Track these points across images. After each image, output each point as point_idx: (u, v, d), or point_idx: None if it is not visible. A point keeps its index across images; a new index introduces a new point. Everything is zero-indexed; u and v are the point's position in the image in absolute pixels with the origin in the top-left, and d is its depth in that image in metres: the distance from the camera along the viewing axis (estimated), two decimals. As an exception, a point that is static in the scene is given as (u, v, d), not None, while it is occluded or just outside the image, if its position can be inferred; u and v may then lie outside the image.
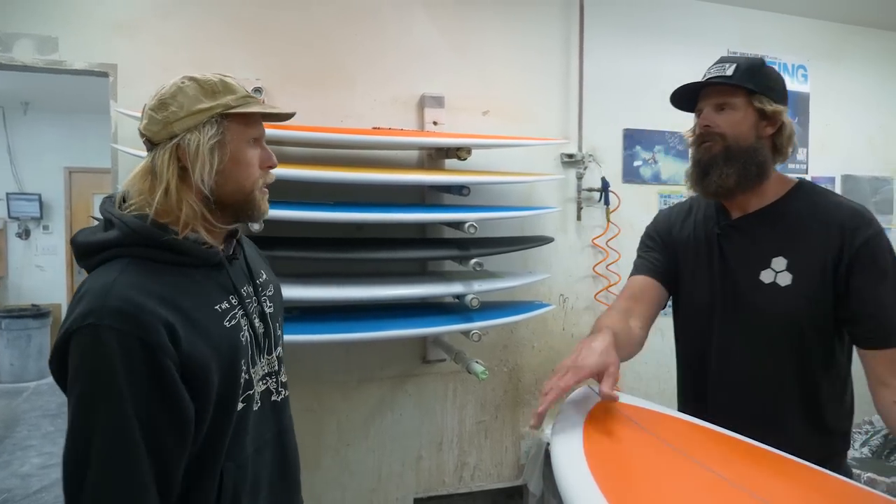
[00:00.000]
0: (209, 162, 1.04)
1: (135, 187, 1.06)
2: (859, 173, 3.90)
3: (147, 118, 1.07)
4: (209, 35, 2.62)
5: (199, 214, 1.06)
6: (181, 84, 1.07)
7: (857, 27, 3.82)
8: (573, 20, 3.15)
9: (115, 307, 0.94)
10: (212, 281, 1.10)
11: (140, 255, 1.02)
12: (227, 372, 1.06)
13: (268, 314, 1.22)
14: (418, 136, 2.70)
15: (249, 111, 1.08)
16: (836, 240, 1.27)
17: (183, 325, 0.99)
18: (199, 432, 1.03)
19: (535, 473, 3.02)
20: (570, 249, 3.18)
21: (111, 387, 0.92)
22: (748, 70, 1.35)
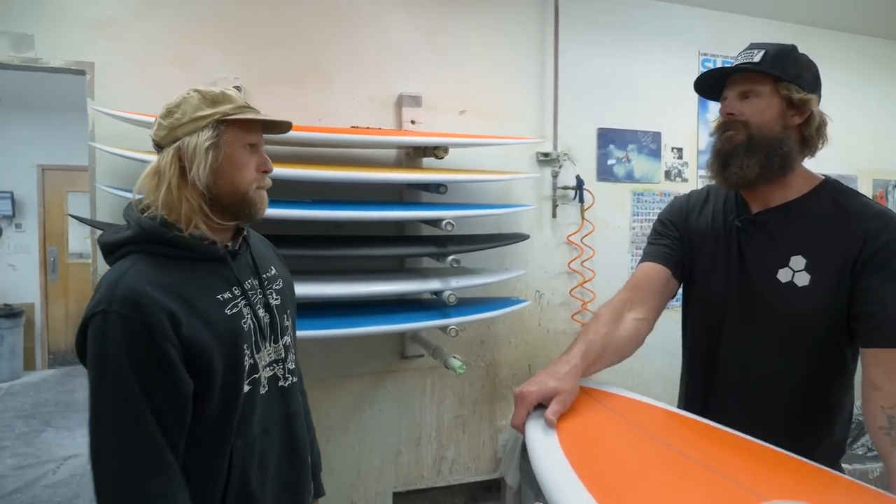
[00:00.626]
0: (204, 160, 1.16)
1: (144, 186, 1.20)
2: (825, 171, 4.00)
3: (156, 125, 1.22)
4: (187, 34, 2.63)
5: (197, 209, 1.19)
6: (186, 95, 1.21)
7: (819, 29, 3.94)
8: (548, 21, 3.21)
9: (122, 296, 1.08)
10: (215, 274, 1.23)
11: (150, 251, 1.16)
12: (230, 354, 1.18)
13: (273, 306, 1.32)
14: (396, 135, 2.74)
15: (243, 118, 1.20)
16: (859, 241, 1.22)
17: (185, 312, 1.12)
18: (207, 408, 1.16)
19: (511, 466, 3.07)
20: (546, 246, 3.24)
21: (119, 365, 1.06)
22: (777, 56, 1.29)
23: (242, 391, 1.21)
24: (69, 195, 6.72)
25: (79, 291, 6.78)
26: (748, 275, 1.33)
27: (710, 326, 1.41)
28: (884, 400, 1.14)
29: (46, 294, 6.68)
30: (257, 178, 1.26)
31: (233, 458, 1.19)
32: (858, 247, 1.22)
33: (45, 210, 6.64)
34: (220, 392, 1.17)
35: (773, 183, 1.31)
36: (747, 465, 0.99)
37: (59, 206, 6.70)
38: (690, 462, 0.98)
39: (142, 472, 1.07)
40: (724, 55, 3.65)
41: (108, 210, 2.52)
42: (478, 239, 2.79)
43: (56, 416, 5.15)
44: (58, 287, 6.74)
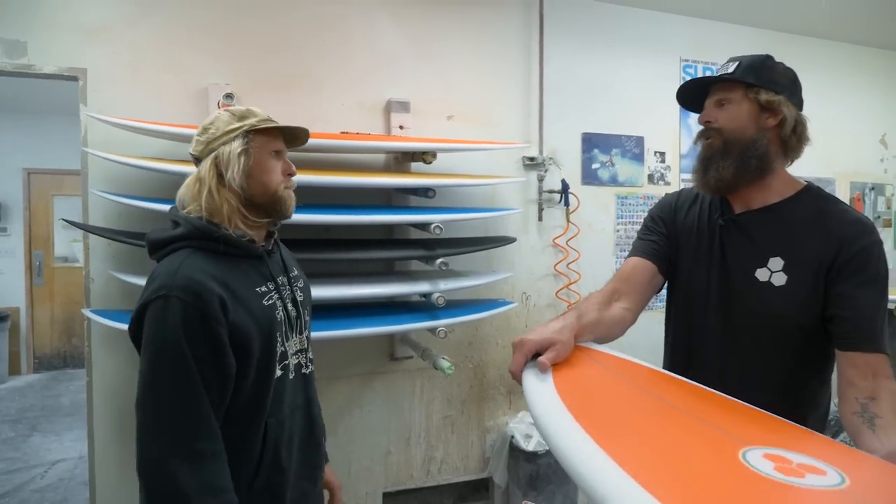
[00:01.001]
0: (237, 164, 1.34)
1: (187, 193, 1.38)
2: (805, 174, 4.09)
3: (194, 142, 1.41)
4: (179, 40, 2.66)
5: (236, 209, 1.36)
6: (219, 114, 1.41)
7: (798, 36, 4.03)
8: (533, 28, 3.28)
9: (181, 284, 1.24)
10: (254, 269, 1.41)
11: (199, 246, 1.33)
12: (266, 339, 1.35)
13: (299, 301, 1.52)
14: (386, 140, 2.79)
15: (267, 126, 1.39)
16: (835, 247, 1.26)
17: (231, 301, 1.29)
18: (245, 387, 1.32)
19: (500, 465, 3.13)
20: (532, 249, 3.30)
21: (178, 341, 1.21)
22: (749, 65, 1.36)
23: (275, 374, 1.38)
24: (55, 199, 6.69)
25: (64, 295, 6.75)
26: (728, 273, 1.38)
27: (690, 322, 1.46)
28: (858, 393, 1.19)
29: (32, 298, 6.65)
30: (284, 180, 1.43)
31: (267, 434, 1.35)
32: (834, 252, 1.26)
33: (31, 214, 6.61)
34: (255, 373, 1.33)
35: (754, 185, 1.36)
36: (731, 417, 1.04)
37: (45, 210, 6.67)
38: (677, 411, 1.03)
39: (194, 434, 1.21)
40: (704, 61, 3.74)
41: (100, 214, 2.54)
42: (465, 242, 2.85)
43: (43, 421, 5.13)
44: (43, 291, 6.71)
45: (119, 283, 2.53)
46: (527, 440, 2.97)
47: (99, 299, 2.56)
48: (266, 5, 2.79)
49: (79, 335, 6.78)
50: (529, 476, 2.93)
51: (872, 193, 4.38)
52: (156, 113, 2.58)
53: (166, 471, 1.17)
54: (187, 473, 1.17)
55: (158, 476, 1.18)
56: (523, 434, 3.01)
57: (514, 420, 3.18)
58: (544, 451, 2.92)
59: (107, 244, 2.57)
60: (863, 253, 1.25)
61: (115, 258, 2.57)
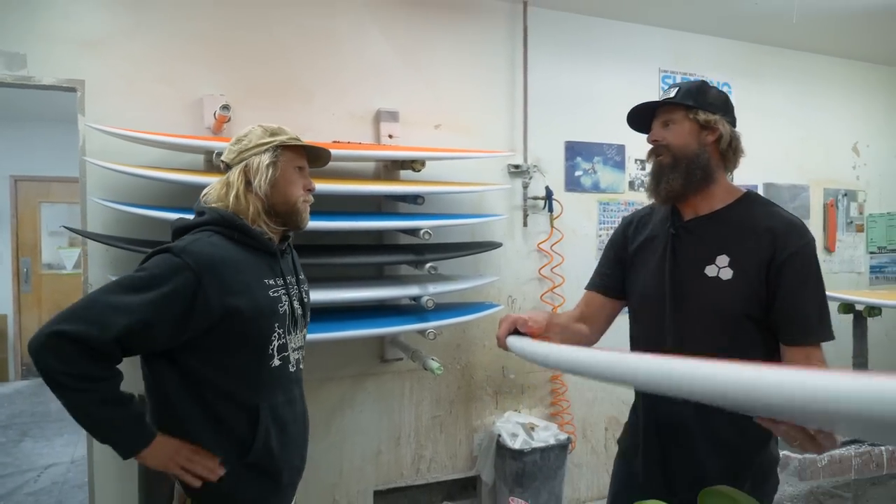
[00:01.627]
0: (265, 175, 1.49)
1: (214, 194, 1.52)
2: (779, 181, 4.26)
3: (227, 150, 1.55)
4: (175, 52, 2.74)
5: (260, 215, 1.51)
6: (252, 128, 1.55)
7: (775, 48, 4.19)
8: (518, 40, 3.39)
9: (193, 251, 1.37)
10: (265, 263, 1.52)
11: (221, 232, 1.46)
12: (264, 325, 1.47)
13: (305, 302, 1.66)
14: (377, 149, 2.88)
15: (296, 143, 1.55)
16: (770, 245, 1.40)
17: (238, 284, 1.41)
18: (232, 365, 1.43)
19: (487, 463, 3.22)
20: (518, 254, 3.41)
21: (162, 286, 1.32)
22: (688, 90, 1.52)
23: (272, 360, 1.48)
24: (42, 206, 6.72)
25: (52, 302, 6.76)
26: (681, 272, 1.52)
27: (650, 321, 1.59)
28: None
29: (19, 305, 6.66)
30: (303, 194, 1.57)
31: (261, 417, 1.44)
32: (770, 252, 1.41)
33: (18, 221, 6.63)
34: (250, 353, 1.45)
35: (699, 193, 1.51)
36: None
37: (33, 217, 6.69)
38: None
39: (111, 322, 1.29)
40: (682, 72, 3.87)
41: (99, 221, 2.61)
42: (453, 247, 2.95)
43: (33, 427, 5.16)
44: (31, 298, 6.72)
45: (116, 289, 2.59)
46: (513, 439, 3.07)
47: (97, 304, 2.62)
48: (258, 18, 2.88)
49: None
50: (516, 473, 3.03)
51: (845, 199, 4.54)
52: (152, 123, 2.66)
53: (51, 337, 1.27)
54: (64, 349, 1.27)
55: (41, 340, 1.28)
56: (510, 433, 3.11)
57: (500, 419, 3.28)
58: (530, 449, 3.02)
59: (105, 250, 2.64)
60: (797, 255, 1.40)
61: (112, 264, 2.64)
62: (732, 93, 4.03)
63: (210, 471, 1.41)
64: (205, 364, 1.41)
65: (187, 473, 1.40)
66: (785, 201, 4.27)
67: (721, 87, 3.99)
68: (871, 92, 4.62)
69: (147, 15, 2.70)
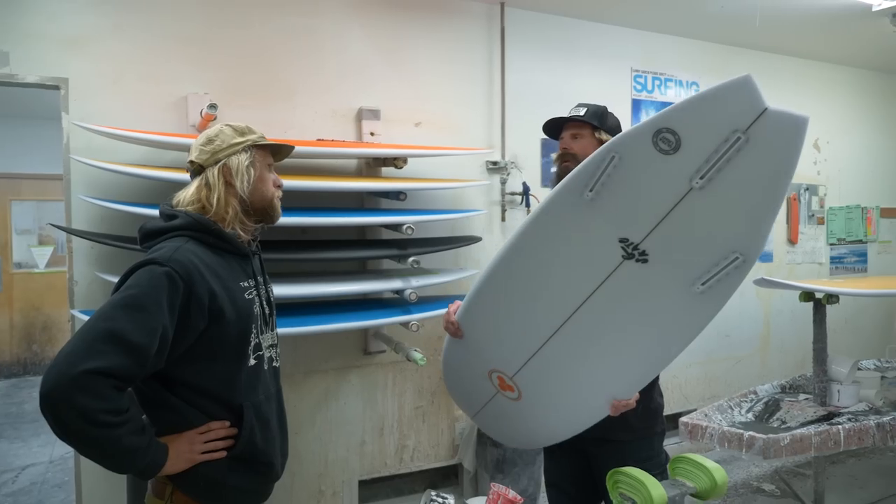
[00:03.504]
0: (247, 175, 1.51)
1: (191, 197, 1.50)
2: (745, 176, 4.41)
3: (197, 151, 1.53)
4: (159, 51, 2.77)
5: (238, 216, 1.52)
6: (221, 128, 1.55)
7: (740, 48, 4.35)
8: (496, 39, 3.48)
9: (180, 261, 1.36)
10: (239, 266, 1.55)
11: (195, 237, 1.45)
12: (243, 327, 1.49)
13: (272, 301, 1.67)
14: (359, 146, 2.95)
15: (267, 143, 1.57)
16: None
17: (220, 290, 1.43)
18: (216, 369, 1.45)
19: (468, 452, 3.32)
20: (496, 247, 3.45)
21: (155, 301, 1.31)
22: (595, 113, 1.89)
23: (249, 361, 1.51)
24: (13, 203, 6.62)
25: (24, 301, 6.68)
26: None
27: None
28: None
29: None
30: (276, 191, 1.61)
31: (245, 415, 1.48)
32: None
33: (-13, 219, 6.53)
34: (231, 356, 1.47)
35: None
36: None
37: (3, 216, 6.59)
38: None
39: (116, 353, 1.25)
40: (653, 71, 4.01)
41: (83, 217, 2.64)
42: (434, 241, 3.03)
43: (7, 428, 5.11)
44: (1, 297, 6.62)
45: (101, 285, 2.62)
46: (494, 427, 3.17)
47: (83, 301, 2.65)
48: (242, 17, 2.92)
49: (39, 342, 6.73)
50: (496, 460, 3.13)
51: (807, 194, 4.73)
52: (136, 121, 2.68)
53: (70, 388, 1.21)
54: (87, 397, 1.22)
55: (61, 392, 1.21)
56: (490, 421, 3.21)
57: (481, 409, 3.37)
58: (510, 436, 3.12)
59: (89, 247, 2.66)
60: None
61: (98, 261, 2.67)
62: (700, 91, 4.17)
63: (227, 432, 1.45)
64: (189, 369, 1.42)
65: (212, 452, 1.43)
66: (750, 196, 4.44)
67: (689, 86, 4.15)
68: (830, 90, 4.82)
69: (131, 14, 2.72)
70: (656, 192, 1.40)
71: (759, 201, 1.30)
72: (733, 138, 1.25)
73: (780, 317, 4.58)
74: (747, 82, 1.22)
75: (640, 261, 1.48)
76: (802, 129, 1.21)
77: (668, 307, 1.52)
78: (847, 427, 2.75)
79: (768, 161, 1.25)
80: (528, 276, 1.69)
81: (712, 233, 1.39)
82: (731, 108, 1.23)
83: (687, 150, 1.32)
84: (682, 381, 4.19)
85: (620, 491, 1.39)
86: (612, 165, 1.43)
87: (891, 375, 3.69)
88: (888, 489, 3.55)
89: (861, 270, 5.05)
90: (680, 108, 1.31)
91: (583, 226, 1.54)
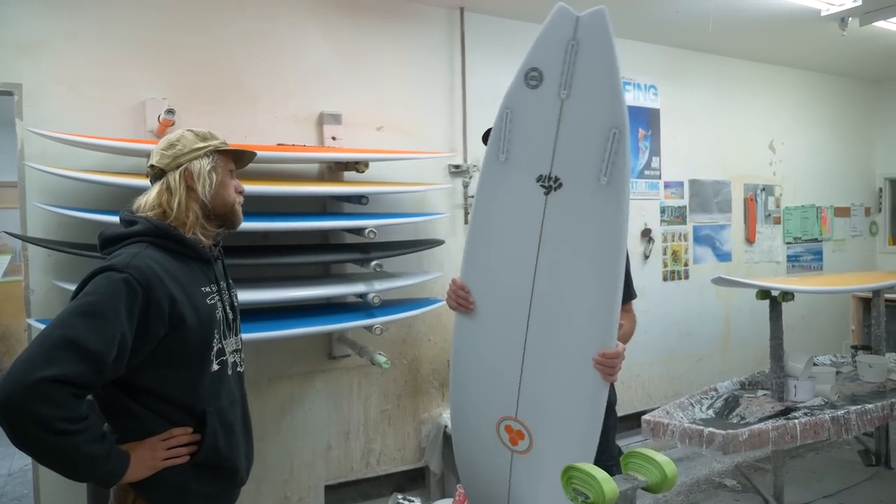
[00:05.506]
0: (209, 181, 1.51)
1: (153, 201, 1.49)
2: (703, 178, 4.52)
3: (158, 155, 1.52)
4: (115, 56, 2.74)
5: (199, 220, 1.51)
6: (183, 133, 1.55)
7: (695, 52, 4.45)
8: (456, 44, 3.52)
9: (138, 267, 1.35)
10: (200, 271, 1.54)
11: (155, 242, 1.44)
12: (205, 333, 1.49)
13: (235, 305, 1.67)
14: (321, 151, 2.96)
15: (228, 148, 1.58)
16: None
17: (181, 296, 1.42)
18: (180, 376, 1.44)
19: (435, 454, 3.33)
20: (459, 250, 3.45)
21: (113, 307, 1.29)
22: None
23: (212, 367, 1.50)
24: (-32, 213, 6.44)
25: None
26: None
27: None
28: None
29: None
30: (238, 196, 1.61)
31: (208, 421, 1.46)
32: None
33: (-58, 229, 6.34)
34: (193, 362, 1.46)
35: None
36: None
37: (-43, 225, 6.41)
38: None
39: (74, 362, 1.23)
40: (612, 75, 4.07)
41: (39, 225, 2.59)
42: (397, 245, 3.04)
43: (-36, 442, 4.97)
44: (-43, 309, 6.44)
45: (59, 294, 2.58)
46: (459, 428, 3.18)
47: (39, 310, 2.60)
48: (199, 21, 2.91)
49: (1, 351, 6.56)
50: (463, 461, 3.14)
51: (763, 194, 4.86)
52: (92, 126, 2.65)
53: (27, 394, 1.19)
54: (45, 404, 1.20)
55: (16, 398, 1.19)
56: (456, 423, 3.22)
57: (447, 411, 3.39)
58: (476, 437, 3.14)
59: (46, 255, 2.62)
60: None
61: (55, 269, 2.63)
62: (658, 94, 4.27)
63: (189, 438, 1.44)
64: (150, 376, 1.41)
65: (174, 458, 1.42)
66: (709, 196, 4.55)
67: (648, 88, 4.23)
68: (783, 93, 4.97)
69: (86, 18, 2.69)
70: (543, 121, 1.66)
71: (608, 79, 1.57)
72: (570, 48, 1.59)
73: (739, 315, 4.69)
74: (560, 7, 1.61)
75: (557, 187, 1.67)
76: (604, 16, 1.54)
77: (592, 217, 1.63)
78: (803, 421, 2.83)
79: (598, 48, 1.57)
80: (491, 261, 1.80)
81: (590, 124, 1.60)
82: (560, 30, 1.60)
83: (548, 75, 1.65)
84: (646, 379, 4.26)
85: (574, 486, 1.42)
86: (509, 120, 1.72)
87: (845, 370, 3.80)
88: (845, 482, 3.65)
89: (817, 268, 5.20)
90: (532, 48, 1.68)
91: (509, 186, 1.74)
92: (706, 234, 4.56)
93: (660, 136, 4.28)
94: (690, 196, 4.46)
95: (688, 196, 4.46)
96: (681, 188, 4.41)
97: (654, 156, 4.25)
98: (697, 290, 4.48)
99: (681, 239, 4.43)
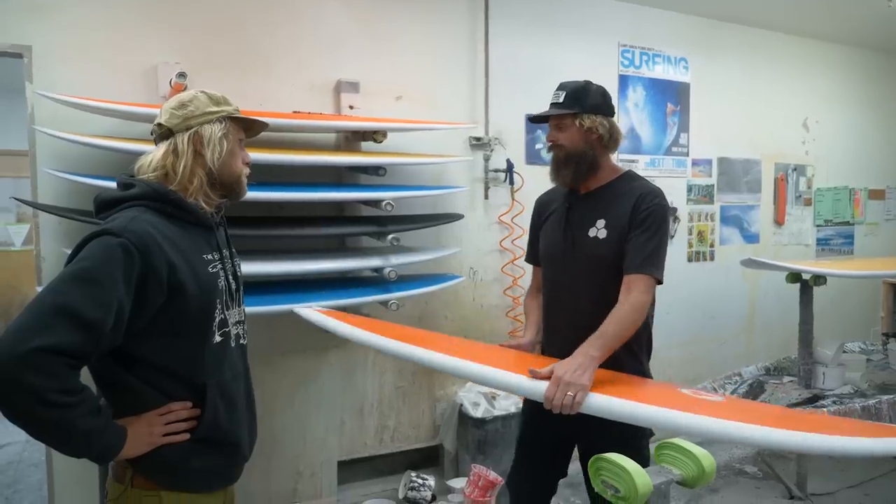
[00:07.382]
0: (219, 147, 1.44)
1: (157, 162, 1.42)
2: (732, 156, 4.36)
3: (168, 114, 1.44)
4: (127, 19, 2.66)
5: (203, 187, 1.45)
6: (196, 94, 1.47)
7: (730, 23, 4.27)
8: (479, 13, 3.39)
9: (135, 231, 1.28)
10: (202, 237, 1.47)
11: (153, 207, 1.38)
12: (206, 302, 1.42)
13: (239, 275, 1.60)
14: (340, 119, 2.86)
15: (243, 116, 1.50)
16: (632, 208, 1.85)
17: (180, 262, 1.35)
18: (180, 345, 1.38)
19: (449, 432, 3.28)
20: (479, 226, 3.43)
21: (110, 274, 1.23)
22: (573, 95, 1.89)
23: (214, 339, 1.44)
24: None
25: (1, 281, 6.54)
26: (573, 233, 1.95)
27: (552, 271, 2.03)
28: (621, 298, 1.78)
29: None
30: (245, 167, 1.54)
31: (207, 394, 1.41)
32: (631, 212, 1.84)
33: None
34: (193, 332, 1.40)
35: (588, 178, 1.93)
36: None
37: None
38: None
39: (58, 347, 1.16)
40: (641, 46, 3.92)
41: (50, 192, 2.54)
42: (415, 219, 2.96)
43: (-16, 407, 5.02)
44: (-24, 276, 6.48)
45: (70, 261, 2.54)
46: (475, 408, 3.12)
47: (51, 277, 2.54)
48: (215, -16, 2.81)
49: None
50: (478, 441, 3.09)
51: (794, 174, 4.69)
52: (104, 91, 2.58)
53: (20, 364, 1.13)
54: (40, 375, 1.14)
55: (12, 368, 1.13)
56: (472, 402, 3.16)
57: (462, 389, 3.33)
58: (492, 417, 3.08)
59: (57, 223, 2.57)
60: (645, 211, 1.83)
61: (66, 236, 2.58)
62: (689, 68, 4.11)
63: (188, 413, 1.38)
64: (149, 346, 1.35)
65: (173, 435, 1.36)
66: (738, 175, 4.40)
67: (678, 62, 4.07)
68: (821, 69, 4.76)
69: (97, -21, 2.61)
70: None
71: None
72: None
73: (765, 298, 4.55)
74: None
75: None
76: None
77: None
78: (832, 410, 2.73)
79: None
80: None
81: None
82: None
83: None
84: (666, 362, 4.16)
85: (602, 478, 1.33)
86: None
87: (876, 358, 3.67)
88: (869, 472, 3.54)
89: (847, 252, 5.03)
90: None
91: None
92: (734, 215, 4.41)
93: (689, 112, 4.12)
94: (719, 174, 4.31)
95: (716, 174, 4.30)
96: (709, 166, 4.26)
97: (683, 132, 4.09)
98: (723, 271, 4.34)
99: (707, 219, 4.29)
